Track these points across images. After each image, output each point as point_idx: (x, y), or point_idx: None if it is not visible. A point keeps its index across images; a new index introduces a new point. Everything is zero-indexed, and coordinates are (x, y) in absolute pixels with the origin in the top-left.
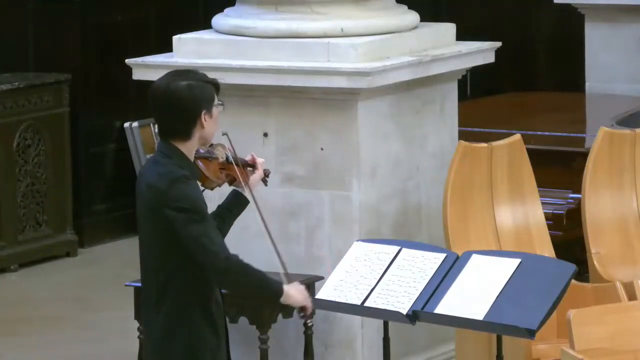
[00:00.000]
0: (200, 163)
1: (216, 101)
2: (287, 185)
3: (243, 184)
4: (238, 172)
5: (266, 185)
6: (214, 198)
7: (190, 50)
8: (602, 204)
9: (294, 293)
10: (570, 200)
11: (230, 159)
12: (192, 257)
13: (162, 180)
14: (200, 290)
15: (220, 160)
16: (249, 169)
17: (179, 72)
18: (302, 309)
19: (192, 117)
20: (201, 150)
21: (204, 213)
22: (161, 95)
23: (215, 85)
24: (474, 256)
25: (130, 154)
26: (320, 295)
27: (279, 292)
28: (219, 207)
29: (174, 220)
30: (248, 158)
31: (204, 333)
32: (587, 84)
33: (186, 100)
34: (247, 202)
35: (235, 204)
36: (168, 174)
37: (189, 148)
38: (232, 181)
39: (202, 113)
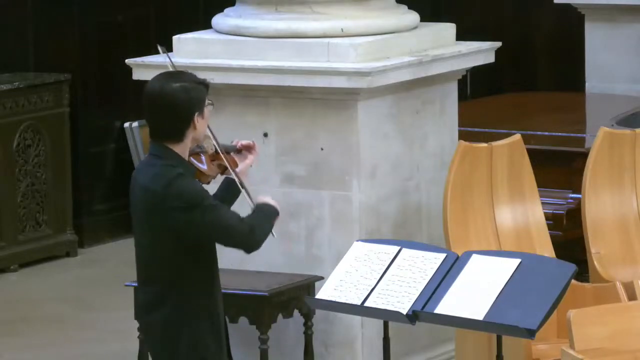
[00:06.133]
0: (193, 160)
1: (207, 101)
2: (287, 185)
3: (231, 171)
4: (226, 161)
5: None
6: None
7: (190, 50)
8: (602, 204)
9: (272, 200)
10: (570, 200)
11: (218, 149)
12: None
13: (157, 182)
14: (202, 294)
15: (210, 152)
16: (237, 154)
17: (171, 73)
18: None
19: (185, 120)
20: (190, 146)
21: (209, 201)
22: (156, 98)
23: (206, 85)
24: (474, 256)
25: (130, 154)
26: (320, 295)
27: (278, 212)
28: (213, 196)
29: (181, 220)
30: (234, 143)
31: (206, 339)
32: (587, 84)
33: (181, 103)
34: (239, 190)
35: (229, 192)
36: (162, 176)
37: (182, 149)
38: (223, 171)
39: (195, 115)
